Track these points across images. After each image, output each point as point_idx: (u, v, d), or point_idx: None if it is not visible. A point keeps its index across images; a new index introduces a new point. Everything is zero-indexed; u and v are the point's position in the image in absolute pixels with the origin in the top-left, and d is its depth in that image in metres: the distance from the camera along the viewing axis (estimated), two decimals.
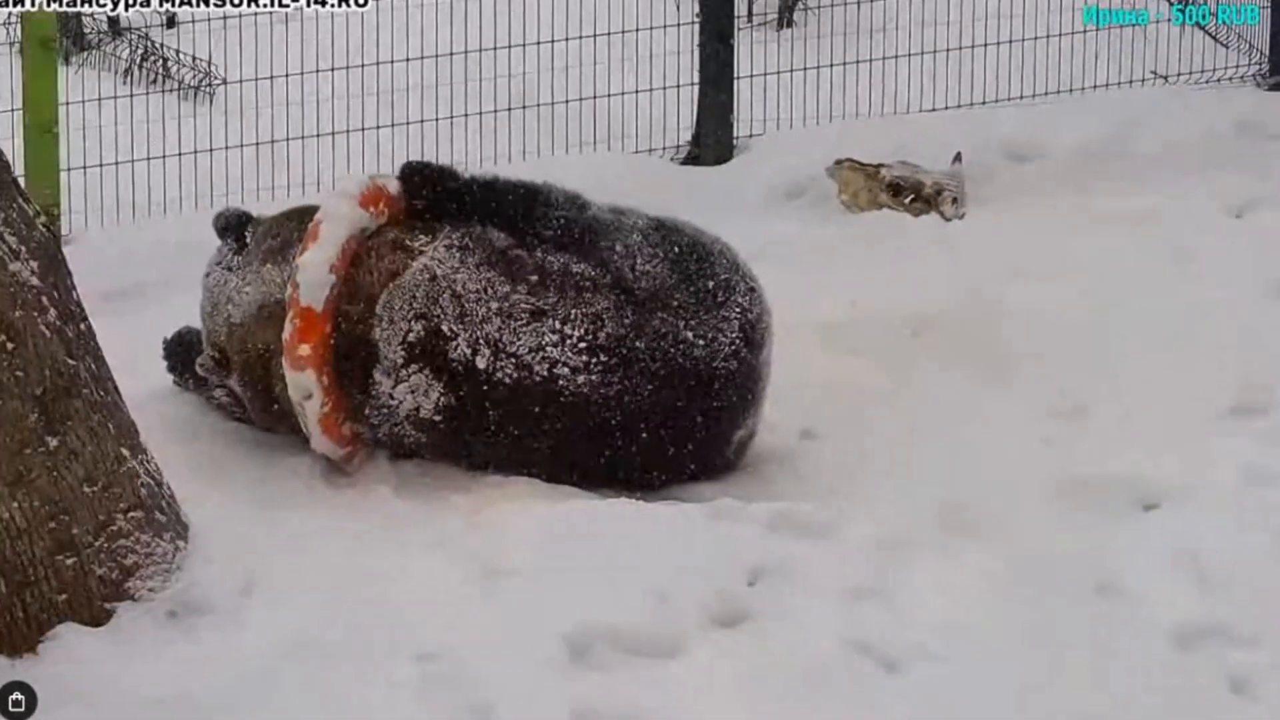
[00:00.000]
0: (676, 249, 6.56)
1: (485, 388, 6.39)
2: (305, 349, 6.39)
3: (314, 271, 6.40)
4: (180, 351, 7.02)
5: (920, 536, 6.12)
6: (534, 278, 6.45)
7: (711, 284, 6.53)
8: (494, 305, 6.40)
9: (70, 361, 5.66)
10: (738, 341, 6.50)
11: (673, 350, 6.42)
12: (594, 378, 6.38)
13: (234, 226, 6.80)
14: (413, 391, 6.43)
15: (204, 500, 6.11)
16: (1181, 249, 8.40)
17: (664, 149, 9.79)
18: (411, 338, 6.40)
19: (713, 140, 9.82)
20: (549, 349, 6.36)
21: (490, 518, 6.19)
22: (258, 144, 9.15)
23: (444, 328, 6.39)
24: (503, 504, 6.30)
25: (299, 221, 6.68)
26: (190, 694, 5.40)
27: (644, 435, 6.42)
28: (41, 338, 5.60)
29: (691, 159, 9.82)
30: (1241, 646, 5.62)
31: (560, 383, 6.38)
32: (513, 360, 6.37)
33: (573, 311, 6.39)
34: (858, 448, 6.80)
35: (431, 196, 6.63)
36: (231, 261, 6.74)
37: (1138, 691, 5.46)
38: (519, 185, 6.69)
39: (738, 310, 6.53)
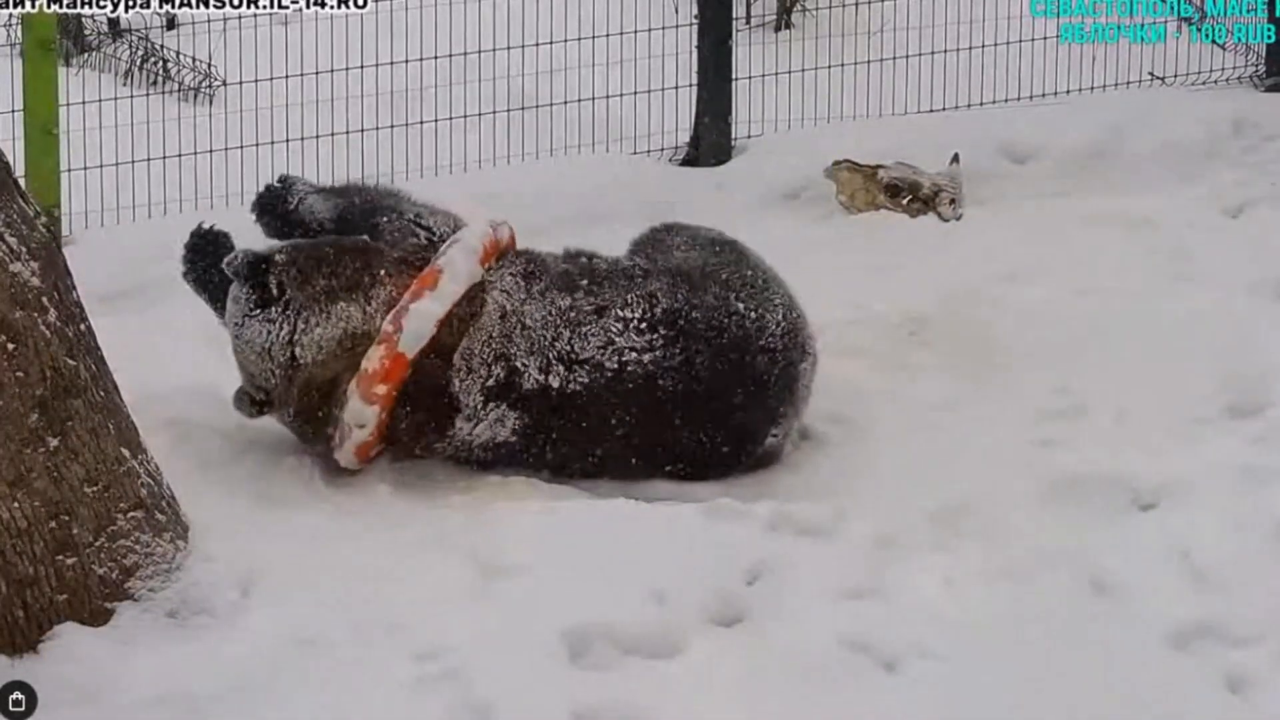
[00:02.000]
0: (719, 249, 6.89)
1: (559, 404, 6.56)
2: (383, 389, 6.50)
3: (420, 323, 6.53)
4: (205, 250, 6.92)
5: (918, 536, 6.13)
6: (585, 281, 6.67)
7: (752, 273, 6.80)
8: (560, 321, 6.59)
9: (71, 362, 5.67)
10: (784, 324, 6.71)
11: (726, 320, 6.63)
12: (657, 354, 6.56)
13: (248, 271, 6.66)
14: (491, 425, 6.59)
15: (204, 500, 6.11)
16: (1178, 249, 8.41)
17: (662, 150, 9.80)
18: (490, 383, 6.55)
19: (711, 141, 9.83)
20: (616, 339, 6.56)
21: (490, 517, 6.21)
22: (257, 145, 9.15)
23: (518, 364, 6.56)
24: (502, 503, 6.32)
25: (341, 259, 6.65)
26: (190, 693, 5.40)
27: (699, 407, 6.56)
28: (42, 338, 5.61)
29: (690, 160, 9.83)
30: (1237, 645, 5.62)
31: (629, 368, 6.55)
32: (585, 366, 6.55)
33: (629, 296, 6.61)
34: (855, 448, 6.81)
35: None
36: (269, 314, 6.63)
37: (1134, 690, 5.46)
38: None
39: (782, 299, 6.77)
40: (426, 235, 6.80)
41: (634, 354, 6.56)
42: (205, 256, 6.86)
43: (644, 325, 6.57)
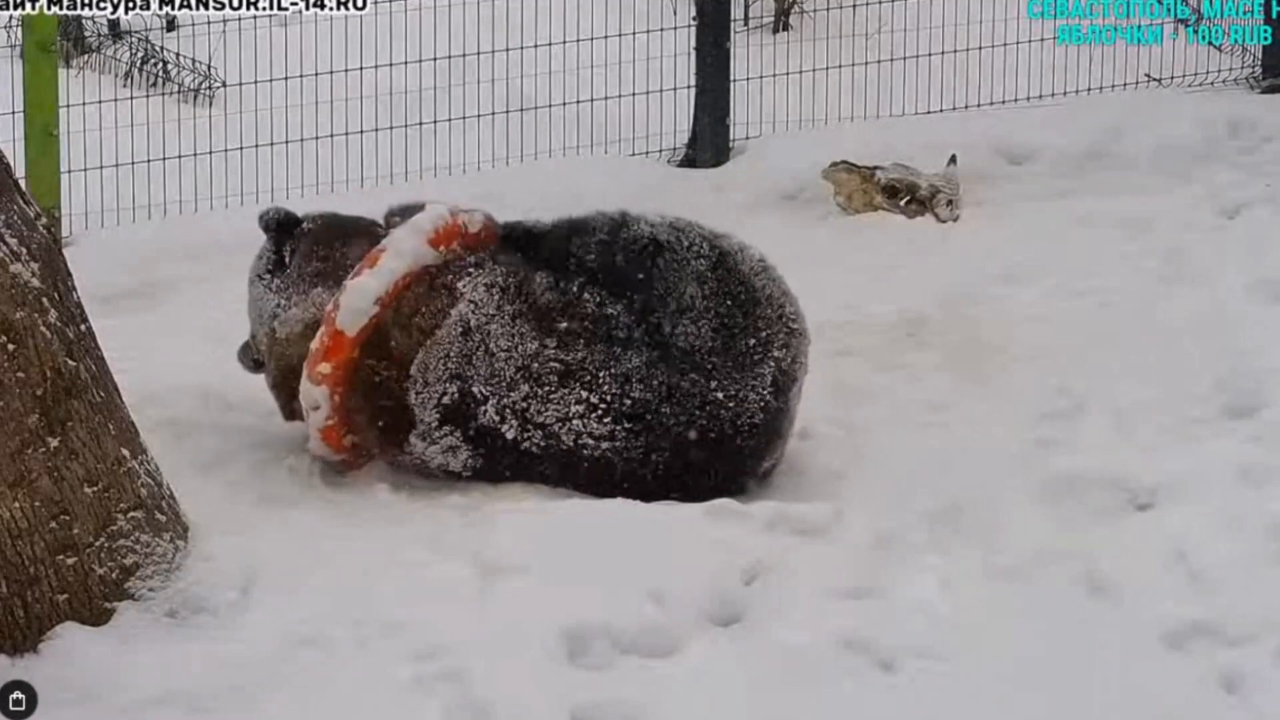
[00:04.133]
0: (729, 302, 6.44)
1: (512, 454, 6.41)
2: (326, 368, 6.46)
3: (358, 299, 6.44)
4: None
5: (915, 536, 6.14)
6: (563, 324, 6.37)
7: (752, 341, 6.44)
8: (521, 368, 6.36)
9: (71, 362, 5.68)
10: (767, 396, 6.43)
11: (698, 413, 6.37)
12: (618, 444, 6.36)
13: (276, 229, 6.75)
14: (443, 452, 6.48)
15: (203, 499, 6.12)
16: (1175, 250, 8.43)
17: (660, 151, 9.82)
18: (446, 400, 6.42)
19: (709, 143, 9.86)
20: (575, 421, 6.34)
21: (488, 517, 6.21)
22: (257, 146, 9.17)
23: (474, 390, 6.39)
24: (501, 503, 6.32)
25: (344, 244, 6.70)
26: (190, 692, 5.41)
27: (665, 489, 6.38)
28: (42, 339, 5.62)
29: (688, 161, 9.85)
30: (1233, 645, 5.61)
31: (585, 451, 6.36)
32: (540, 430, 6.37)
33: (601, 374, 6.33)
34: (853, 448, 6.82)
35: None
36: (272, 283, 6.71)
37: (1130, 690, 5.46)
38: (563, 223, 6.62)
39: (772, 364, 6.45)
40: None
41: (591, 440, 6.33)
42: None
43: (608, 417, 6.32)
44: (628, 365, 6.34)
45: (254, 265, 6.82)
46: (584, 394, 6.33)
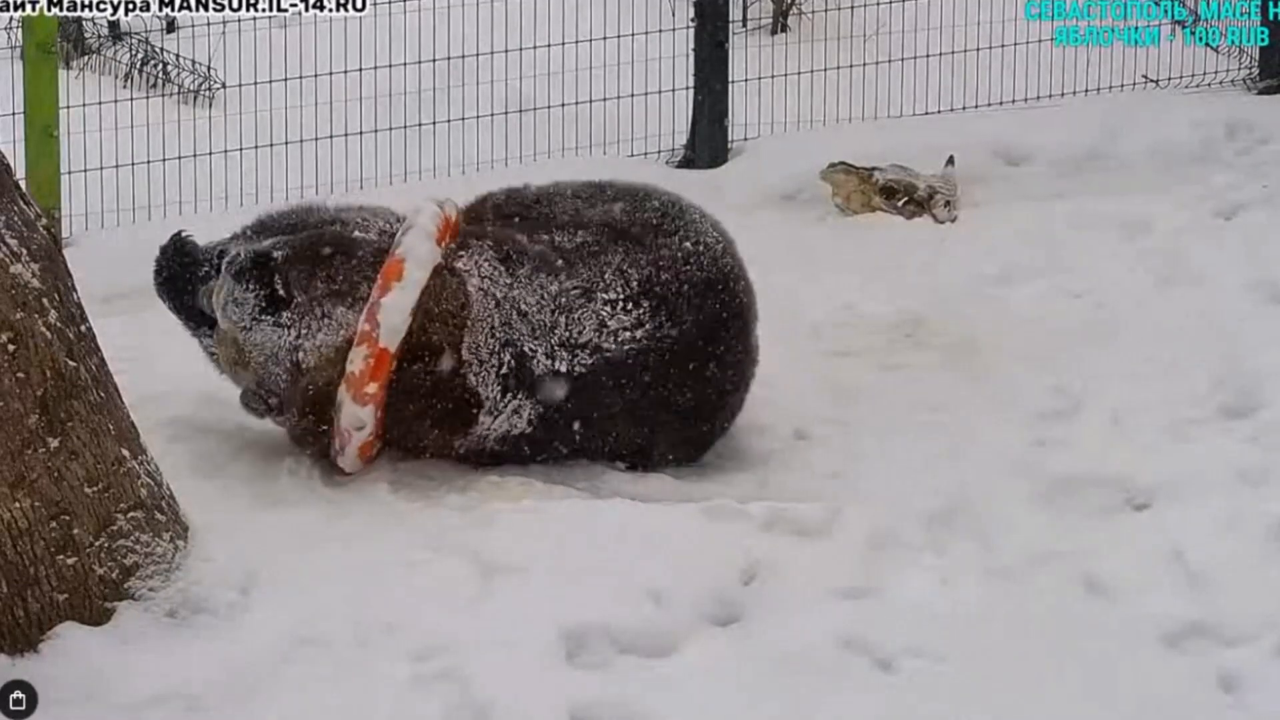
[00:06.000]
0: (649, 208, 6.92)
1: (570, 384, 6.60)
2: (374, 388, 6.50)
3: (396, 315, 6.51)
4: (178, 263, 6.90)
5: (913, 536, 6.15)
6: (559, 260, 6.69)
7: (683, 220, 6.89)
8: (553, 307, 6.62)
9: (71, 363, 5.68)
10: (727, 245, 6.85)
11: (685, 267, 6.70)
12: (646, 328, 6.62)
13: (253, 273, 6.63)
14: (510, 416, 6.60)
15: (203, 500, 6.13)
16: (1172, 251, 8.43)
17: (659, 152, 9.81)
18: (504, 371, 6.58)
19: (707, 143, 9.86)
20: (608, 322, 6.62)
21: (488, 516, 6.21)
22: (257, 147, 9.17)
23: (525, 349, 6.59)
24: (500, 502, 6.33)
25: (344, 258, 6.63)
26: (190, 692, 5.42)
27: (700, 359, 6.66)
28: (43, 339, 5.62)
29: (686, 162, 9.84)
30: (1230, 645, 5.64)
31: (625, 346, 6.62)
32: (585, 349, 6.60)
33: (605, 276, 6.66)
34: (851, 448, 6.83)
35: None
36: (280, 319, 6.60)
37: (1127, 689, 5.48)
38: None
39: (711, 227, 6.89)
40: (385, 233, 6.75)
41: (626, 331, 6.61)
42: (178, 266, 6.86)
43: (628, 304, 6.63)
44: (615, 260, 6.69)
45: (237, 315, 6.62)
46: (602, 297, 6.63)
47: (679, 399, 6.65)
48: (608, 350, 6.60)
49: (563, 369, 6.58)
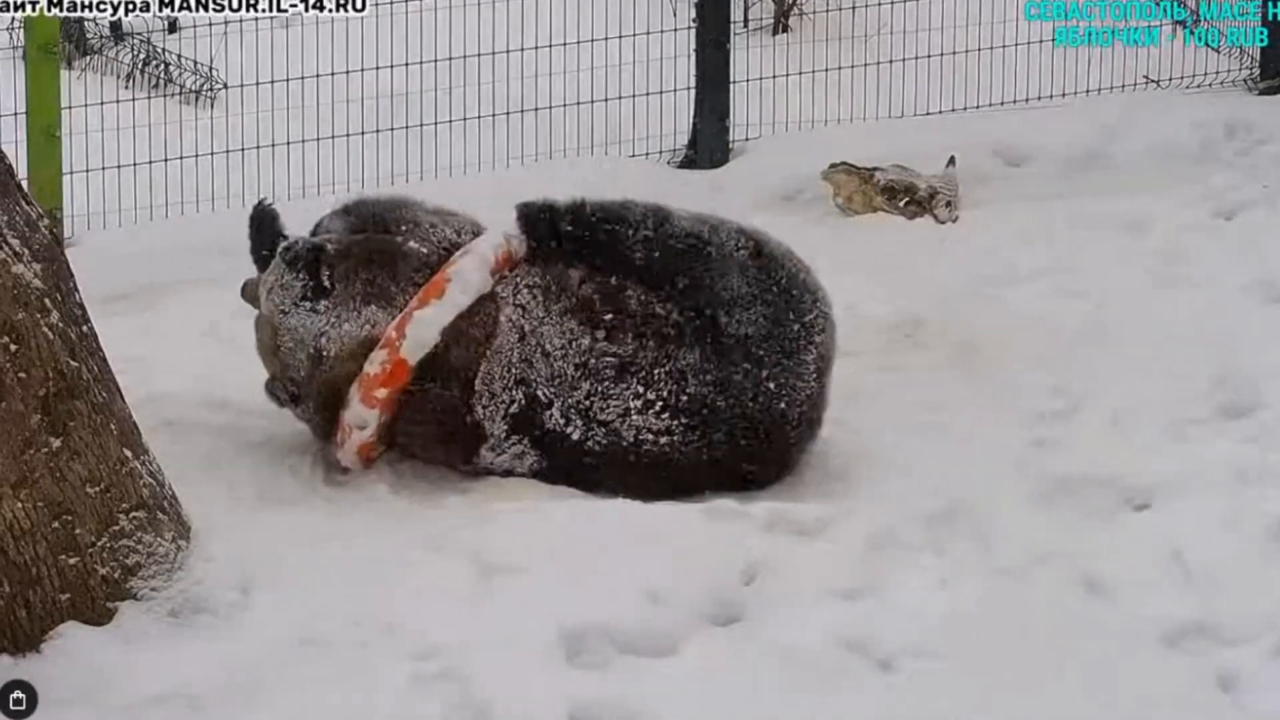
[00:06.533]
0: (774, 289, 6.59)
1: (575, 455, 6.49)
2: (384, 393, 6.50)
3: (425, 330, 6.49)
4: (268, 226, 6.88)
5: (913, 536, 6.15)
6: (608, 316, 6.48)
7: (798, 327, 6.59)
8: (580, 365, 6.45)
9: (73, 363, 5.69)
10: (812, 383, 6.57)
11: (752, 405, 6.49)
12: (675, 439, 6.46)
13: (307, 261, 6.64)
14: (512, 459, 6.56)
15: (205, 499, 6.13)
16: (1172, 252, 8.44)
17: (661, 152, 9.82)
18: (514, 409, 6.49)
19: (709, 144, 9.86)
20: (634, 416, 6.44)
21: (487, 517, 6.22)
22: (259, 148, 9.17)
23: (539, 393, 6.47)
24: (500, 503, 6.34)
25: (392, 263, 6.64)
26: (191, 691, 5.43)
27: (717, 480, 6.48)
28: (44, 340, 5.63)
29: (688, 162, 9.85)
30: (1229, 645, 5.64)
31: (644, 447, 6.46)
32: (603, 428, 6.46)
33: (655, 371, 6.45)
34: (852, 448, 6.82)
35: (554, 241, 6.66)
36: (317, 306, 6.62)
37: (1128, 690, 5.48)
38: (607, 208, 6.69)
39: (815, 351, 6.59)
40: (443, 245, 6.72)
41: (650, 435, 6.45)
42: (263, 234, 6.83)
43: (666, 412, 6.45)
44: (682, 362, 6.46)
45: (280, 299, 6.67)
46: (640, 389, 6.44)
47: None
48: (626, 441, 6.48)
49: (575, 436, 6.47)
